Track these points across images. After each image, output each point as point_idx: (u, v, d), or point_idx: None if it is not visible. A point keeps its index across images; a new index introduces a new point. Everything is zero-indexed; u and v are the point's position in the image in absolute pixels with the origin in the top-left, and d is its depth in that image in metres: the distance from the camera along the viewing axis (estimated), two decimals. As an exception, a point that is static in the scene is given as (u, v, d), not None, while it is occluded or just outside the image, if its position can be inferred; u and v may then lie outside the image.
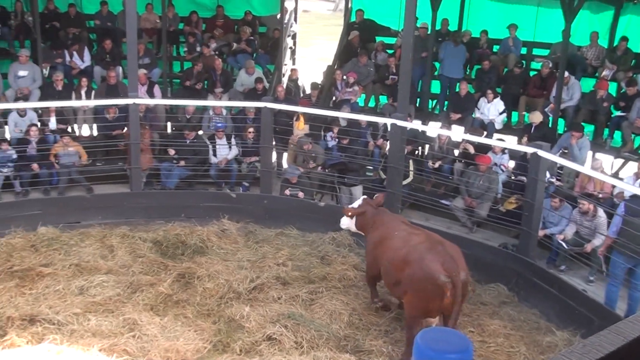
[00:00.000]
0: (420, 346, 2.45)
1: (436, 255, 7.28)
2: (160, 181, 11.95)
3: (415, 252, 7.46)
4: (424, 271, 7.19)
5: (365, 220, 8.65)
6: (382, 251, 8.01)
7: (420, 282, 7.23)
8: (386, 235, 8.15)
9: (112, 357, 7.18)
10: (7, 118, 12.16)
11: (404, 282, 7.45)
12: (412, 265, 7.35)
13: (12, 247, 9.87)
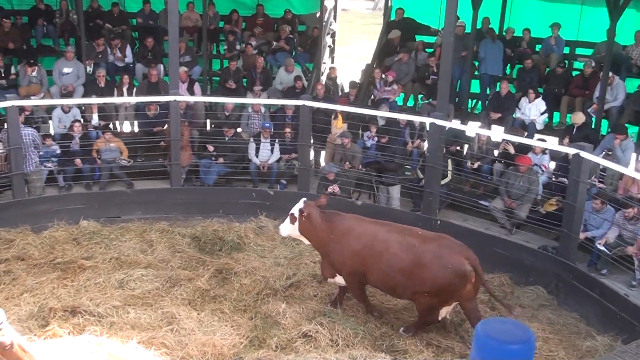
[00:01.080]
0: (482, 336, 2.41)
1: (450, 249, 7.62)
2: (199, 177, 12.09)
3: (427, 253, 7.62)
4: (449, 269, 7.46)
5: (312, 224, 8.20)
6: (372, 257, 7.89)
7: (446, 279, 7.49)
8: (367, 240, 7.97)
9: (150, 349, 7.27)
10: (52, 114, 12.45)
11: (420, 284, 7.63)
12: (432, 267, 7.54)
13: (55, 240, 10.11)
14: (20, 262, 9.48)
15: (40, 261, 9.47)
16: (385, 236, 7.95)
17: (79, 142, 11.84)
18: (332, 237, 8.15)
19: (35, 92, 12.99)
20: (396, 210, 11.02)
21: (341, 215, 8.33)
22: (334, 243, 8.16)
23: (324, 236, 8.20)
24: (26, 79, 13.23)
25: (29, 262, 9.46)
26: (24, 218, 10.53)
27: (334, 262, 8.25)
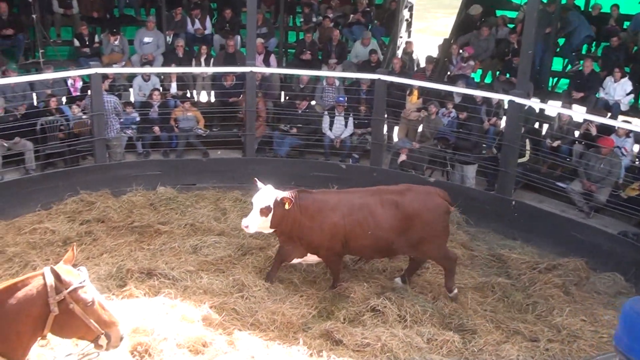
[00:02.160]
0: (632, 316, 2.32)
1: (426, 193, 8.10)
2: (272, 149, 12.21)
3: (412, 203, 7.92)
4: (436, 209, 7.94)
5: (286, 212, 7.84)
6: (357, 225, 7.87)
7: (438, 219, 7.96)
8: (346, 209, 7.91)
9: (221, 314, 7.45)
10: (132, 82, 12.79)
11: (415, 235, 7.92)
12: (422, 214, 7.88)
13: (133, 204, 10.45)
14: (100, 224, 9.87)
15: (119, 224, 9.83)
16: (362, 201, 7.98)
17: (157, 110, 12.15)
18: (305, 216, 7.89)
19: (117, 61, 13.36)
20: (470, 189, 10.83)
21: (308, 192, 8.18)
22: (307, 221, 7.92)
23: (295, 218, 7.88)
24: (109, 48, 13.63)
25: (108, 225, 9.83)
26: (105, 182, 10.91)
27: (310, 241, 8.02)
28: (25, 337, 4.21)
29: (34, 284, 4.19)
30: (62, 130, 11.30)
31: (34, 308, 4.15)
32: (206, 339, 6.93)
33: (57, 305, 4.17)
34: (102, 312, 4.35)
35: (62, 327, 4.27)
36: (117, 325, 4.42)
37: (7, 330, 4.11)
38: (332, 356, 6.74)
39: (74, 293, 4.22)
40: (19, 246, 9.05)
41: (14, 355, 4.16)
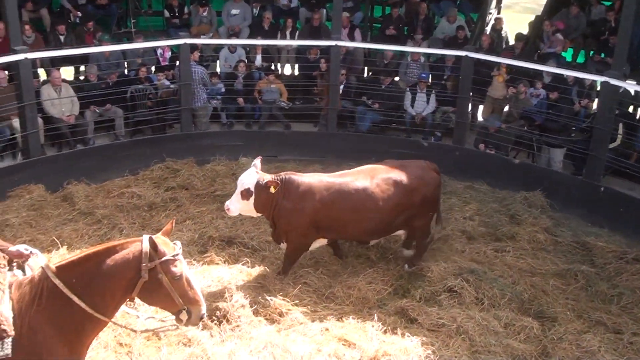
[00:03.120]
0: None
1: (418, 168, 8.01)
2: (354, 124, 12.17)
3: (410, 180, 7.78)
4: (433, 183, 7.96)
5: (271, 195, 7.41)
6: (352, 210, 7.54)
7: (434, 193, 8.02)
8: (337, 195, 7.53)
9: (297, 286, 7.55)
10: (219, 53, 12.99)
11: (413, 211, 7.84)
12: (420, 190, 7.81)
13: (216, 173, 10.70)
14: (184, 191, 10.16)
15: (202, 192, 10.09)
16: (357, 185, 7.63)
17: (242, 81, 12.32)
18: (289, 200, 7.46)
19: (205, 32, 13.56)
20: (556, 173, 10.49)
21: (297, 175, 7.70)
22: (290, 204, 7.46)
23: (279, 201, 7.47)
24: (197, 19, 13.85)
25: (192, 192, 10.11)
26: (190, 150, 11.20)
27: (290, 225, 7.55)
28: (117, 296, 4.41)
29: (131, 249, 4.38)
30: (151, 98, 11.65)
31: (128, 271, 4.34)
32: (282, 309, 7.06)
33: (147, 272, 4.34)
34: (188, 289, 4.48)
35: (149, 294, 4.44)
36: (200, 305, 4.54)
37: (103, 287, 4.32)
38: (406, 334, 6.72)
39: (164, 264, 4.38)
40: (108, 209, 9.44)
41: (105, 311, 4.37)
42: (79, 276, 4.32)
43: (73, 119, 10.87)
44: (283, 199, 7.46)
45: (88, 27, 12.56)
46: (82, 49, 11.63)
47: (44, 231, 8.78)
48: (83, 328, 4.37)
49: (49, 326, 4.27)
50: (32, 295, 4.31)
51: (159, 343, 6.50)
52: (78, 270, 4.34)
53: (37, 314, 4.26)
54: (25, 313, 4.27)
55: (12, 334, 4.16)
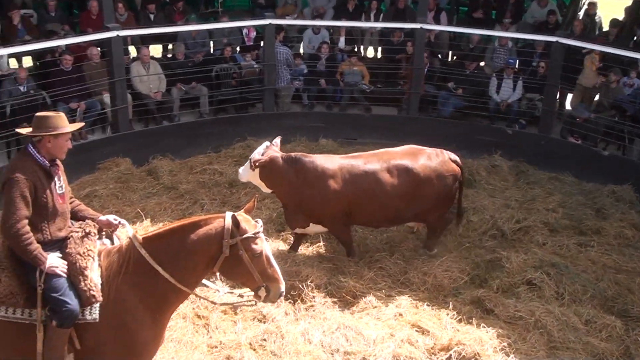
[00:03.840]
0: None
1: (437, 156, 7.62)
2: (436, 108, 11.99)
3: (422, 170, 7.46)
4: (448, 175, 7.57)
5: (275, 169, 7.26)
6: (362, 194, 7.33)
7: (448, 186, 7.58)
8: (350, 177, 7.34)
9: (372, 270, 7.53)
10: (303, 34, 13.04)
11: (425, 202, 7.52)
12: (432, 181, 7.47)
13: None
14: (264, 170, 10.28)
15: (282, 172, 10.18)
16: (367, 167, 7.44)
17: (325, 63, 12.33)
18: (303, 182, 7.30)
19: (290, 13, 13.63)
20: (648, 166, 10.02)
21: (308, 157, 7.47)
22: (306, 189, 7.32)
23: (292, 182, 7.32)
24: (283, 0, 13.94)
25: (272, 172, 10.22)
26: (271, 130, 11.23)
27: (311, 209, 7.43)
28: (199, 270, 4.52)
29: (214, 225, 4.47)
30: (235, 78, 11.84)
31: (210, 246, 4.44)
32: (356, 291, 7.07)
33: (229, 248, 4.42)
34: (267, 267, 4.54)
35: (229, 269, 4.53)
36: (279, 283, 4.59)
37: (186, 260, 4.44)
38: (481, 325, 6.60)
39: (246, 241, 4.44)
40: (190, 184, 9.69)
41: (187, 283, 4.49)
42: (164, 248, 4.45)
43: (160, 95, 11.19)
44: (297, 181, 7.30)
45: (177, 7, 12.85)
46: (171, 27, 11.92)
47: (130, 203, 9.11)
48: (166, 298, 4.50)
49: (134, 294, 4.42)
50: (120, 264, 4.47)
51: (235, 317, 6.64)
52: (163, 242, 4.47)
53: (123, 282, 4.42)
54: (113, 281, 4.44)
55: (100, 299, 4.34)
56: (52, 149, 4.48)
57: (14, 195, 4.26)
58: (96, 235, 4.64)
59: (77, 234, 4.53)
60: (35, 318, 4.35)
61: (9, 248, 4.43)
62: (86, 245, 4.49)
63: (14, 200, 4.26)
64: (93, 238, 4.58)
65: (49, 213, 4.46)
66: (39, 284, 4.29)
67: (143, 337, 4.46)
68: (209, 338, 6.34)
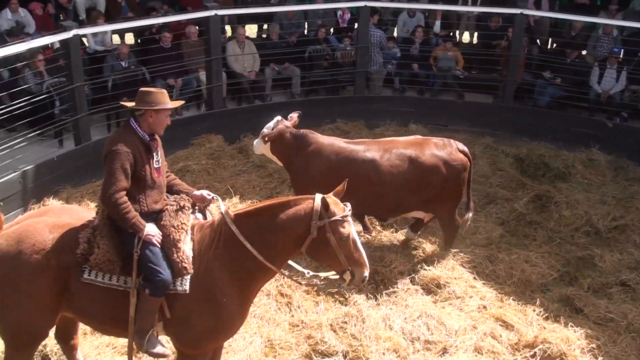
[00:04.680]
0: None
1: (444, 146, 7.27)
2: (532, 97, 11.61)
3: (429, 159, 7.14)
4: (456, 165, 7.18)
5: (284, 143, 7.25)
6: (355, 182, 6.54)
7: (455, 177, 7.19)
8: (344, 161, 7.09)
9: (457, 259, 7.42)
10: (398, 17, 12.89)
11: (431, 192, 7.19)
12: (437, 169, 7.12)
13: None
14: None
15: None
16: (367, 155, 7.15)
17: (418, 47, 12.16)
18: (300, 158, 7.25)
19: (386, -6, 13.50)
20: None
21: (313, 135, 7.38)
22: (300, 164, 7.26)
23: (293, 157, 7.32)
24: (378, -18, 13.81)
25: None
26: (360, 113, 11.30)
27: (299, 185, 7.33)
28: (286, 249, 4.58)
29: (303, 205, 4.52)
30: (327, 59, 11.86)
31: (298, 227, 4.49)
32: (440, 280, 6.98)
33: (316, 230, 4.45)
34: (354, 250, 4.53)
35: (316, 251, 4.55)
36: (364, 267, 4.58)
37: (275, 239, 4.51)
38: (569, 324, 6.38)
39: (333, 224, 4.45)
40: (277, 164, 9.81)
41: (274, 261, 4.56)
42: (253, 226, 4.53)
43: (254, 75, 11.37)
44: (296, 156, 7.31)
45: (274, -14, 13.00)
46: (268, 7, 12.06)
47: (220, 179, 9.34)
48: (253, 275, 4.59)
49: (223, 269, 4.53)
50: (211, 239, 4.59)
51: (317, 298, 6.71)
52: (253, 220, 4.55)
53: (213, 257, 4.54)
54: (204, 254, 4.56)
55: (191, 272, 4.48)
56: (153, 124, 4.63)
57: (115, 166, 4.43)
58: (190, 209, 4.76)
59: (172, 207, 4.67)
60: (129, 285, 4.54)
61: (108, 217, 4.62)
62: (180, 218, 4.62)
63: (114, 172, 4.43)
64: (187, 212, 4.70)
65: (147, 186, 4.62)
66: (135, 250, 4.47)
67: (229, 311, 4.57)
68: (290, 316, 6.44)
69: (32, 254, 4.51)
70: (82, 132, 9.27)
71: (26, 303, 4.55)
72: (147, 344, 4.56)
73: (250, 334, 6.06)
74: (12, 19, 10.62)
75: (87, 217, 4.78)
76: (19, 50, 8.47)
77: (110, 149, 4.46)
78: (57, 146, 9.51)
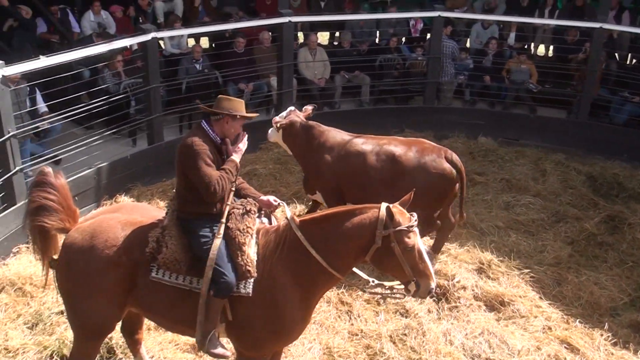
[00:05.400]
0: None
1: (431, 152, 7.16)
2: (608, 114, 11.24)
3: (409, 160, 7.09)
4: (434, 173, 7.03)
5: (293, 133, 7.46)
6: (348, 171, 7.18)
7: (430, 186, 6.97)
8: (341, 152, 7.28)
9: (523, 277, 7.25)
10: (471, 28, 12.73)
11: (402, 194, 6.45)
12: (414, 172, 7.03)
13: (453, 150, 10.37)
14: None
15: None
16: (362, 148, 7.27)
17: (491, 59, 11.97)
18: (308, 149, 7.45)
19: (460, 6, 13.33)
20: None
21: (320, 127, 7.53)
22: (309, 156, 7.46)
23: (302, 148, 7.49)
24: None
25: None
26: (429, 124, 11.20)
27: (309, 177, 7.63)
28: (350, 257, 4.59)
29: (369, 214, 4.51)
30: (398, 69, 11.82)
31: (363, 235, 4.48)
32: (504, 298, 6.84)
33: (381, 239, 4.43)
34: (419, 261, 4.49)
35: (380, 260, 4.54)
36: (430, 279, 4.53)
37: (339, 246, 4.53)
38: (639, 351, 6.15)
39: (398, 234, 4.42)
40: (346, 172, 9.83)
41: (338, 268, 4.56)
42: (318, 233, 4.56)
43: (324, 82, 11.44)
44: (304, 146, 7.50)
45: (348, -5, 13.06)
46: (341, 16, 12.12)
47: (286, 184, 9.43)
48: (316, 281, 4.61)
49: (287, 274, 4.57)
50: (276, 244, 4.64)
51: (378, 308, 6.69)
52: (319, 227, 4.58)
53: (278, 262, 4.59)
54: (268, 259, 4.61)
55: (254, 275, 4.53)
56: (227, 129, 4.72)
57: (200, 164, 4.52)
58: (256, 214, 4.82)
59: (239, 211, 4.74)
60: (194, 285, 4.63)
61: (177, 218, 4.74)
62: (246, 222, 4.68)
63: (201, 167, 4.52)
64: (253, 216, 4.76)
65: (217, 186, 4.73)
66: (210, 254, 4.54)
67: (291, 316, 4.60)
68: (350, 325, 6.44)
69: (105, 249, 4.66)
70: (156, 132, 9.54)
71: (97, 296, 4.70)
72: (209, 344, 4.64)
73: (309, 340, 6.09)
74: (94, 20, 11.04)
75: (158, 216, 4.91)
76: (101, 51, 8.79)
77: (191, 148, 4.54)
78: (131, 145, 9.82)
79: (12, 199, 7.67)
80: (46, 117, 8.84)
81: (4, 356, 5.88)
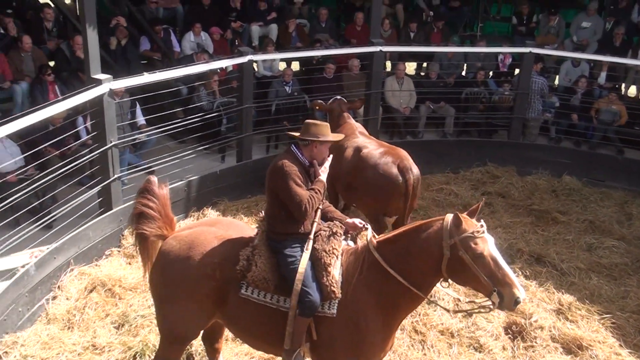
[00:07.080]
0: None
1: (389, 156, 7.40)
2: None
3: (368, 158, 7.49)
4: (379, 174, 7.33)
5: (330, 120, 8.15)
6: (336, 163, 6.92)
7: (374, 185, 7.38)
8: (343, 143, 7.73)
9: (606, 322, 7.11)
10: (561, 66, 12.60)
11: (359, 188, 7.63)
12: (367, 171, 7.43)
13: (536, 187, 10.53)
14: (500, 198, 10.17)
15: (518, 203, 9.98)
16: (354, 144, 7.81)
17: (580, 97, 11.81)
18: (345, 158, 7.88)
19: (551, 42, 13.24)
20: None
21: (348, 118, 8.34)
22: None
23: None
24: (545, 29, 13.58)
25: (508, 201, 10.08)
26: (512, 159, 11.13)
27: None
28: (428, 274, 4.60)
29: (434, 227, 4.55)
30: (483, 102, 11.84)
31: (432, 248, 4.50)
32: (583, 342, 6.72)
33: (449, 249, 4.42)
34: (495, 269, 4.35)
35: (454, 271, 4.50)
36: (512, 287, 4.34)
37: (414, 263, 4.58)
38: None
39: (464, 241, 4.38)
40: (425, 201, 9.90)
41: (418, 286, 4.61)
42: (392, 252, 4.64)
43: (409, 111, 11.58)
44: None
45: (437, 26, 13.15)
46: (430, 47, 12.27)
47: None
48: (398, 302, 4.68)
49: (369, 295, 4.67)
50: (355, 265, 4.77)
51: (451, 340, 6.69)
52: (392, 246, 4.68)
53: (358, 283, 4.70)
54: (350, 280, 4.74)
55: (339, 296, 4.66)
56: (315, 154, 4.92)
57: (290, 184, 4.72)
58: (342, 236, 4.95)
59: (325, 233, 4.89)
60: (281, 304, 4.79)
61: (266, 237, 4.94)
62: (332, 244, 4.81)
63: (292, 187, 4.71)
64: (339, 238, 4.89)
65: (305, 207, 4.92)
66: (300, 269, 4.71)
67: (372, 339, 4.69)
68: (422, 354, 6.46)
69: (201, 261, 4.90)
70: (245, 150, 9.90)
71: (187, 304, 4.94)
72: (294, 362, 4.78)
73: (381, 365, 6.15)
74: (194, 41, 11.60)
75: (250, 235, 5.12)
76: (201, 70, 9.25)
77: (282, 169, 4.73)
78: (220, 161, 10.22)
79: (108, 204, 8.14)
80: (144, 129, 9.38)
81: (91, 352, 6.25)
